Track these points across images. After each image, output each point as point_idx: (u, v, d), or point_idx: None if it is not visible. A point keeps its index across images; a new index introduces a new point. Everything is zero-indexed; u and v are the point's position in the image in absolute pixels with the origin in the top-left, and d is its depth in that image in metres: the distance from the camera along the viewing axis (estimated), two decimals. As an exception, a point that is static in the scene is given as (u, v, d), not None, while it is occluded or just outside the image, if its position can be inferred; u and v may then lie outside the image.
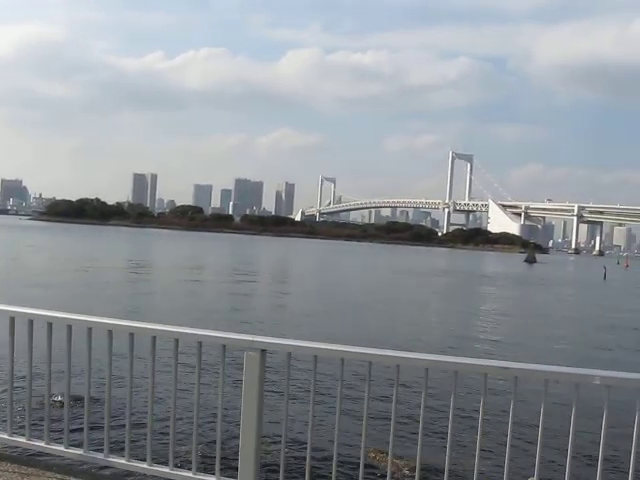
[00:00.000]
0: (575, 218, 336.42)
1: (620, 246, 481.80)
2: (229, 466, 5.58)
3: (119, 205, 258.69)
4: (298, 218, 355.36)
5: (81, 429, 5.71)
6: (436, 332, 26.42)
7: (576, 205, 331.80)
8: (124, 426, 5.52)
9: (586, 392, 4.45)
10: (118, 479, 6.13)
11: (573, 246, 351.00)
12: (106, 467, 5.84)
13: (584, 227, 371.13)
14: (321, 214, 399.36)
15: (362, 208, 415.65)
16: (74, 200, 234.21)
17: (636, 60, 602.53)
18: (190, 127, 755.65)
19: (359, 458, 5.10)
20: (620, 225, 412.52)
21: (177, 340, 5.20)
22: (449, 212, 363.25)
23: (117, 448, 5.76)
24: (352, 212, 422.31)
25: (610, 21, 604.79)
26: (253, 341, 4.94)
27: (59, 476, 5.57)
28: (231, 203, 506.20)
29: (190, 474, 5.28)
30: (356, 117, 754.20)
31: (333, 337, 19.85)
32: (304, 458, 5.19)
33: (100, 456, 5.57)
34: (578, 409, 4.41)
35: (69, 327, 5.45)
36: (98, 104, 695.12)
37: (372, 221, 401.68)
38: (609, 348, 24.35)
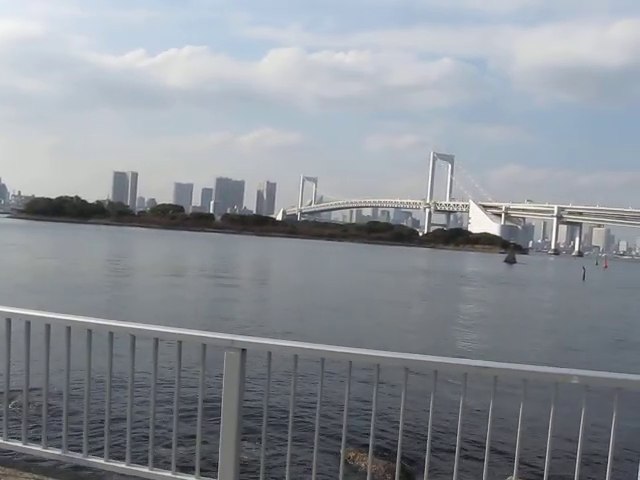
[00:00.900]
0: (555, 219, 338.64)
1: (599, 247, 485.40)
2: (209, 466, 5.56)
3: (99, 203, 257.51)
4: (279, 217, 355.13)
5: (60, 429, 5.67)
6: (416, 332, 26.50)
7: (556, 206, 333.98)
8: (103, 426, 5.49)
9: (564, 391, 4.48)
10: (97, 479, 6.09)
11: (553, 247, 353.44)
12: (85, 467, 5.81)
13: (564, 228, 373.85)
14: (302, 214, 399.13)
15: (343, 208, 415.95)
16: (53, 198, 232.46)
17: (615, 63, 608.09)
18: (171, 125, 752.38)
19: (339, 458, 5.10)
20: (599, 226, 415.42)
21: (157, 339, 5.17)
22: (430, 212, 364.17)
23: (96, 448, 5.72)
24: (333, 212, 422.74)
25: (589, 24, 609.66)
26: (233, 340, 4.92)
27: (37, 476, 5.53)
28: (212, 202, 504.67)
29: (169, 474, 5.26)
30: (338, 117, 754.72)
31: (313, 337, 19.87)
32: (284, 457, 5.18)
33: (79, 456, 5.53)
34: (557, 408, 4.44)
35: (47, 326, 5.41)
36: (78, 101, 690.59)
37: (353, 221, 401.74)
38: (587, 348, 24.56)
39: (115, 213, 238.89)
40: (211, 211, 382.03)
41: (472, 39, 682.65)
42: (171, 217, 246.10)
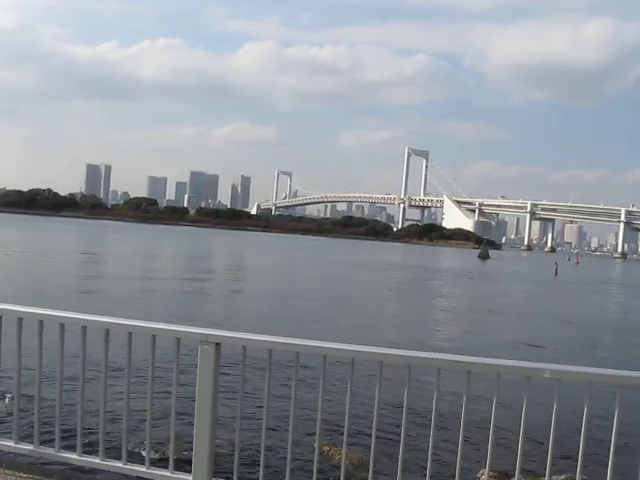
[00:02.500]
0: (528, 215, 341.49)
1: (571, 243, 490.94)
2: (183, 460, 5.56)
3: (72, 196, 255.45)
4: (254, 211, 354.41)
5: (32, 425, 5.63)
6: (390, 327, 26.61)
7: (529, 202, 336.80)
8: (76, 421, 5.45)
9: (537, 385, 4.53)
10: (70, 475, 6.06)
11: (526, 242, 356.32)
12: (58, 463, 5.77)
13: (537, 224, 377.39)
14: (277, 208, 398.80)
15: (318, 202, 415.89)
16: (25, 191, 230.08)
17: (587, 61, 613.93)
18: (145, 118, 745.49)
19: (314, 452, 5.12)
20: (571, 222, 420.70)
21: (130, 334, 5.15)
22: (404, 208, 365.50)
23: (69, 443, 5.69)
24: (308, 206, 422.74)
25: (563, 23, 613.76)
26: (207, 334, 4.92)
27: (9, 472, 5.49)
28: (186, 196, 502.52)
29: (143, 469, 5.24)
30: (313, 112, 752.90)
31: (287, 331, 19.86)
32: (259, 451, 5.19)
33: (51, 451, 5.50)
34: (529, 402, 4.50)
35: (20, 320, 5.37)
36: (50, 93, 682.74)
37: (328, 216, 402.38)
38: (559, 342, 24.78)
39: (88, 206, 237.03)
40: (185, 205, 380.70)
41: (447, 36, 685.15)
42: (145, 211, 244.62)
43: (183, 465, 5.32)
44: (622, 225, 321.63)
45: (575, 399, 4.59)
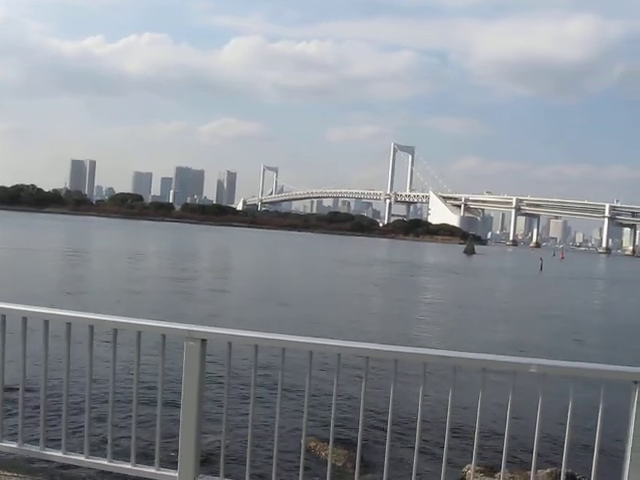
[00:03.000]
0: (513, 210, 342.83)
1: (556, 238, 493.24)
2: (169, 457, 5.54)
3: (56, 192, 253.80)
4: (240, 207, 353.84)
5: (15, 423, 5.60)
6: (376, 322, 26.63)
7: (514, 198, 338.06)
8: (60, 419, 5.42)
9: (522, 380, 4.55)
10: (54, 472, 6.03)
11: (511, 238, 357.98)
12: (42, 460, 5.74)
13: (522, 219, 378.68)
14: (263, 204, 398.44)
15: (304, 198, 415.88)
16: (8, 186, 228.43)
17: (571, 58, 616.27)
18: (131, 113, 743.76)
19: (300, 447, 5.12)
20: (556, 218, 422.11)
21: (115, 330, 5.12)
22: (390, 203, 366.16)
23: (53, 441, 5.65)
24: (294, 202, 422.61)
25: (547, 19, 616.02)
26: (193, 331, 4.90)
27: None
28: (172, 191, 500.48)
29: (129, 466, 5.22)
30: (299, 107, 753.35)
31: (274, 327, 19.86)
32: (245, 447, 5.18)
33: (35, 449, 5.46)
34: (515, 396, 4.51)
35: (3, 317, 5.33)
36: (35, 87, 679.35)
37: (314, 211, 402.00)
38: (545, 337, 24.91)
39: (72, 202, 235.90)
40: (171, 200, 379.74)
41: (433, 32, 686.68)
42: (130, 206, 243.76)
43: (169, 462, 5.30)
44: (606, 220, 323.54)
45: (560, 393, 4.61)
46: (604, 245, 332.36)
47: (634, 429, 4.24)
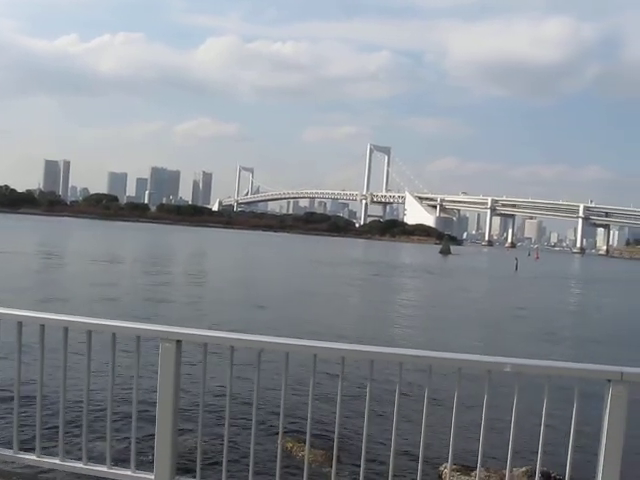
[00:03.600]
0: (489, 211, 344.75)
1: (531, 238, 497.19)
2: (145, 459, 5.51)
3: (29, 193, 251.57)
4: (215, 208, 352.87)
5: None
6: (352, 322, 26.67)
7: (489, 198, 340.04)
8: (34, 421, 5.37)
9: (497, 379, 4.58)
10: (28, 476, 5.97)
11: (486, 238, 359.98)
12: (16, 464, 5.67)
13: (497, 220, 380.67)
14: (239, 204, 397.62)
15: (280, 199, 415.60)
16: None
17: (547, 59, 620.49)
18: (105, 113, 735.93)
19: (276, 448, 5.11)
20: (531, 218, 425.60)
21: (90, 332, 5.08)
22: (366, 204, 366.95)
23: (27, 444, 5.60)
24: (270, 202, 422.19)
25: (523, 21, 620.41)
26: (168, 332, 4.87)
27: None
28: (147, 192, 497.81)
29: (105, 468, 5.18)
30: (275, 107, 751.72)
31: (250, 329, 19.82)
32: (221, 449, 5.16)
33: (9, 452, 5.40)
34: (490, 396, 4.54)
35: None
36: (7, 87, 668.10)
37: (290, 212, 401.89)
38: (520, 337, 25.09)
39: (46, 203, 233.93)
40: (146, 201, 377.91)
41: (410, 32, 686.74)
42: (105, 207, 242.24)
43: (145, 464, 5.27)
44: (581, 221, 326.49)
45: (535, 392, 4.65)
46: (578, 245, 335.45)
47: (607, 427, 4.28)
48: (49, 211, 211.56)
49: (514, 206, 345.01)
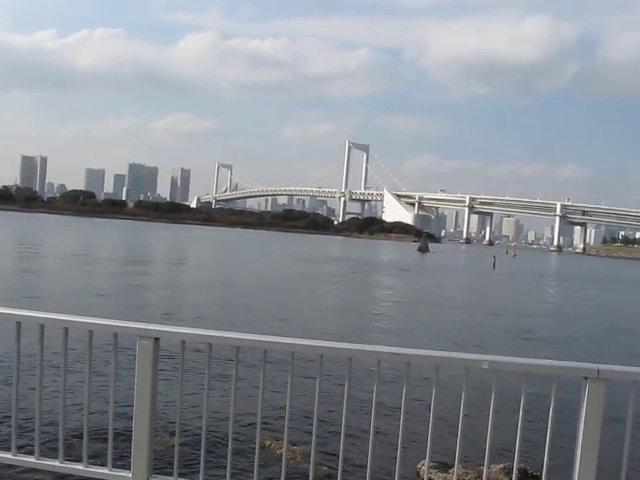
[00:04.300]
0: (467, 209, 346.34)
1: (509, 236, 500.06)
2: (122, 457, 5.47)
3: (6, 189, 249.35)
4: (194, 205, 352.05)
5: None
6: (330, 320, 26.70)
7: (467, 196, 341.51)
8: (10, 419, 5.32)
9: (475, 376, 4.60)
10: (4, 475, 5.91)
11: (464, 236, 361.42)
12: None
13: (475, 217, 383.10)
14: (217, 201, 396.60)
15: (259, 196, 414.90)
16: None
17: (526, 58, 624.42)
18: (83, 109, 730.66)
19: (254, 446, 5.09)
20: (509, 216, 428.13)
21: (66, 329, 5.03)
22: (345, 201, 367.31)
23: (2, 442, 5.55)
24: (248, 200, 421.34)
25: (502, 19, 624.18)
26: (146, 329, 4.84)
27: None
28: (125, 188, 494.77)
29: (81, 467, 5.14)
30: (254, 104, 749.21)
31: (228, 326, 19.79)
32: (199, 447, 5.14)
33: (-16, 451, 5.35)
34: (468, 393, 4.55)
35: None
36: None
37: (269, 209, 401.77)
38: (497, 334, 25.24)
39: (23, 199, 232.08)
40: (124, 198, 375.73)
41: (390, 30, 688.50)
42: (82, 203, 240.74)
43: (122, 462, 5.24)
44: (558, 219, 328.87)
45: (513, 389, 4.67)
46: (555, 243, 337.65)
47: (584, 424, 4.31)
48: (26, 207, 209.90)
49: (492, 204, 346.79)
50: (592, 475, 4.34)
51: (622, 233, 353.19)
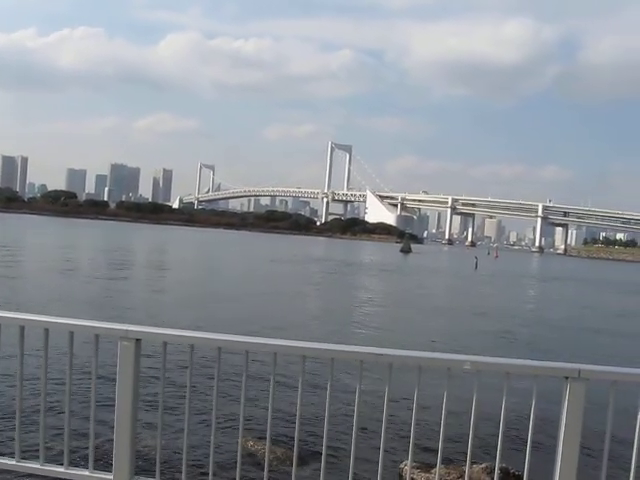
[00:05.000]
0: (449, 210, 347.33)
1: (491, 237, 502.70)
2: (104, 459, 5.44)
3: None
4: (176, 205, 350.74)
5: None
6: (312, 321, 26.70)
7: (450, 197, 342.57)
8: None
9: (457, 377, 4.61)
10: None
11: (447, 237, 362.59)
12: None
13: (457, 218, 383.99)
14: (200, 202, 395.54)
15: (241, 196, 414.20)
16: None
17: (507, 60, 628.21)
18: (64, 109, 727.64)
19: (237, 446, 5.08)
20: (491, 217, 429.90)
21: (47, 330, 4.99)
22: (328, 202, 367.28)
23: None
24: (231, 200, 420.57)
25: (484, 21, 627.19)
26: (127, 330, 4.80)
27: None
28: (106, 189, 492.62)
29: (62, 469, 5.09)
30: (237, 104, 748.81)
31: (209, 327, 19.73)
32: (181, 448, 5.12)
33: (-37, 453, 5.30)
34: (450, 393, 4.57)
35: None
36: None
37: (251, 209, 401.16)
38: (479, 334, 25.34)
39: (3, 199, 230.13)
40: (105, 198, 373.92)
41: (372, 32, 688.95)
42: (63, 204, 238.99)
43: (104, 464, 5.21)
44: (539, 220, 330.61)
45: (494, 390, 4.69)
46: (537, 244, 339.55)
47: (565, 423, 4.33)
48: (6, 208, 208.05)
49: (474, 205, 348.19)
50: (573, 474, 4.36)
51: (603, 234, 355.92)
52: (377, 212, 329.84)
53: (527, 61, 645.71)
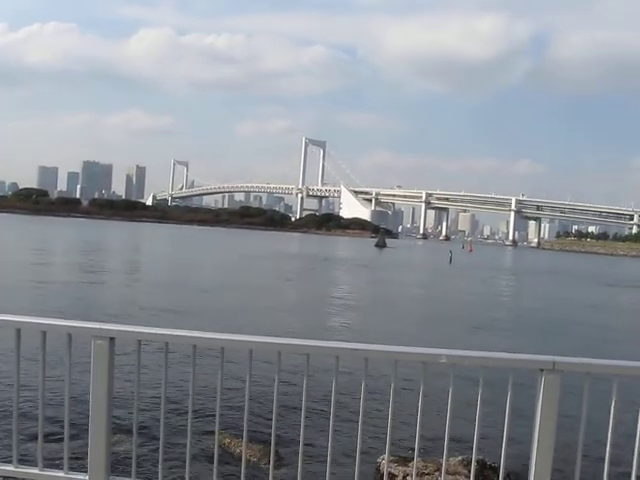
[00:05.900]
0: (423, 204, 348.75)
1: (465, 231, 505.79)
2: (79, 459, 5.38)
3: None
4: (149, 202, 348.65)
5: None
6: (287, 316, 26.68)
7: (424, 192, 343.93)
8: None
9: (433, 370, 4.62)
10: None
11: (421, 231, 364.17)
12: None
13: (431, 213, 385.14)
14: (173, 198, 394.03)
15: (215, 193, 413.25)
16: None
17: (480, 55, 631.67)
18: (34, 105, 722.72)
19: (213, 444, 5.06)
20: (465, 211, 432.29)
21: (19, 330, 4.92)
22: (302, 197, 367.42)
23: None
24: (205, 197, 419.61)
25: (456, 17, 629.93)
26: (101, 329, 4.76)
27: None
28: (79, 186, 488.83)
29: (36, 470, 5.04)
30: (210, 100, 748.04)
31: (184, 324, 19.67)
32: (157, 447, 5.09)
33: None
34: (426, 387, 4.58)
35: None
36: None
37: (225, 206, 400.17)
38: (454, 328, 25.47)
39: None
40: (78, 196, 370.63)
41: (345, 28, 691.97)
42: (35, 202, 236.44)
43: (79, 465, 5.15)
44: (513, 214, 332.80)
45: (470, 383, 4.71)
46: (511, 238, 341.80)
47: (540, 415, 4.36)
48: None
49: (448, 200, 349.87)
50: (548, 464, 4.39)
51: (575, 227, 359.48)
52: (352, 207, 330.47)
53: (499, 56, 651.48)
